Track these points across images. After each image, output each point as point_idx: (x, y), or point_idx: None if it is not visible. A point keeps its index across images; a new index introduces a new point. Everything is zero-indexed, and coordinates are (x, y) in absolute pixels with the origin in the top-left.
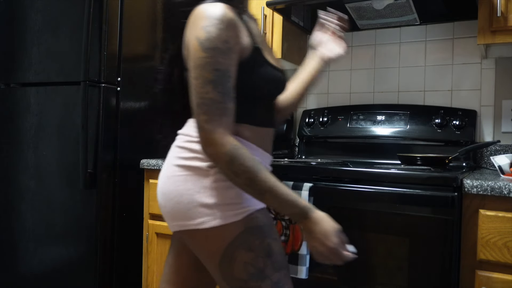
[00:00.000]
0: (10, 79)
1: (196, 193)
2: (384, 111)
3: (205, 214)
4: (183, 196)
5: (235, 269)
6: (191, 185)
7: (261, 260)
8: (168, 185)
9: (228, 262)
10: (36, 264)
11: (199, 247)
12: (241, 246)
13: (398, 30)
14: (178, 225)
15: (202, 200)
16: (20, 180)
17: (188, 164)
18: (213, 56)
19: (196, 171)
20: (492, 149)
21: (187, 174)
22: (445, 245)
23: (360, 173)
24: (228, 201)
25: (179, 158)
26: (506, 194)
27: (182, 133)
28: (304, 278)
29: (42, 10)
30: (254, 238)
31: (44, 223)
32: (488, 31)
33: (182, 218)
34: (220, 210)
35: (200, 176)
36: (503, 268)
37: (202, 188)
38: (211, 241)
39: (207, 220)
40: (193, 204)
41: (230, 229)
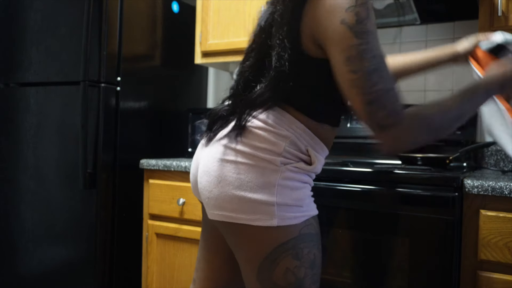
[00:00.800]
0: (9, 79)
1: (258, 187)
2: None
3: (264, 211)
4: (242, 186)
5: (275, 274)
6: (255, 177)
7: (303, 270)
8: (225, 170)
9: (270, 265)
10: (36, 264)
11: (243, 244)
12: (289, 251)
13: (398, 30)
14: (224, 215)
15: (263, 196)
16: (20, 180)
17: (259, 155)
18: (369, 41)
19: (266, 164)
20: (493, 149)
21: (254, 164)
22: (445, 245)
23: (360, 173)
24: (291, 202)
25: (249, 145)
26: (507, 194)
27: (258, 119)
28: None
29: (41, 10)
30: (304, 246)
31: (44, 223)
32: (489, 30)
33: (234, 209)
34: (281, 210)
35: (268, 170)
36: (504, 268)
37: (267, 183)
38: (260, 240)
39: (264, 218)
40: (252, 196)
41: (285, 232)
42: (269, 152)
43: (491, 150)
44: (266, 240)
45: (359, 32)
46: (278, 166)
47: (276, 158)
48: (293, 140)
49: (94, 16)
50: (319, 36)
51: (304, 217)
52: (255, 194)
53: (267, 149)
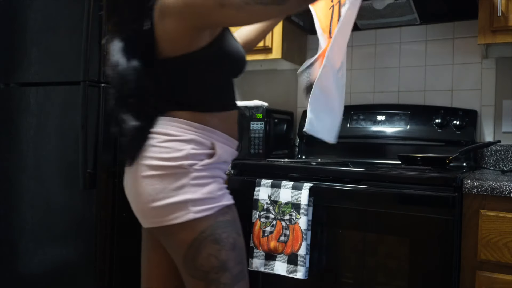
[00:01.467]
0: (9, 79)
1: (172, 191)
2: (384, 111)
3: (180, 209)
4: (158, 195)
5: (199, 260)
6: (167, 183)
7: (224, 253)
8: (143, 185)
9: (194, 253)
10: (36, 264)
11: (170, 241)
12: (208, 238)
13: (398, 30)
14: (151, 222)
15: (178, 197)
16: (20, 180)
17: (168, 164)
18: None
19: (176, 170)
20: (493, 149)
21: (165, 173)
22: (445, 245)
23: (360, 173)
24: (203, 196)
25: (157, 159)
26: (506, 194)
27: (158, 132)
28: (304, 278)
29: (41, 9)
30: (221, 231)
31: (44, 223)
32: (489, 30)
33: (156, 215)
34: (194, 205)
35: (179, 175)
36: (503, 268)
37: (179, 186)
38: (182, 233)
39: (181, 215)
40: (168, 201)
41: (201, 222)
42: (177, 158)
43: (491, 150)
44: (187, 232)
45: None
46: (186, 168)
47: (183, 162)
48: (197, 140)
49: (94, 16)
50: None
51: (217, 207)
52: (170, 199)
53: (174, 157)
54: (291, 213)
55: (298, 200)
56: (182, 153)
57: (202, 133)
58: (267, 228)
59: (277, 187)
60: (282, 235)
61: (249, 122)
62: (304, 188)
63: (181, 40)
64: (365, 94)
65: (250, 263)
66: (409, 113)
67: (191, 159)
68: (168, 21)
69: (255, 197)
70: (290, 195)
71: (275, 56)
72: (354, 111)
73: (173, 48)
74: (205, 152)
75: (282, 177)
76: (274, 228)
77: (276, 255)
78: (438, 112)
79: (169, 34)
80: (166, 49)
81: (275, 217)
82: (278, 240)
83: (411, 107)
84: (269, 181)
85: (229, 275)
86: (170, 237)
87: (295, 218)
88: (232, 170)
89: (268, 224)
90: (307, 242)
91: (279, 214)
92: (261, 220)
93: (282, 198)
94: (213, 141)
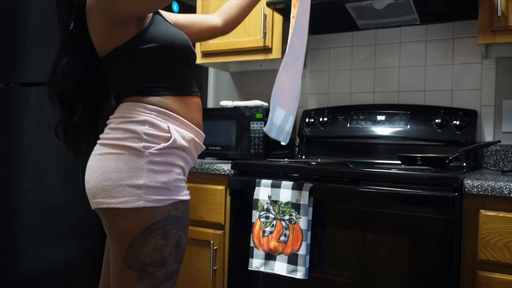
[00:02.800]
0: (9, 79)
1: (126, 172)
2: (384, 111)
3: (131, 194)
4: (112, 174)
5: (143, 252)
6: (123, 164)
7: (168, 250)
8: (98, 162)
9: (140, 244)
10: (36, 264)
11: (114, 226)
12: (158, 231)
13: (398, 30)
14: (98, 202)
15: (131, 180)
16: (20, 180)
17: (123, 144)
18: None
19: (131, 151)
20: (493, 149)
21: (121, 153)
22: (445, 245)
23: (360, 173)
24: (157, 185)
25: (113, 139)
26: (506, 194)
27: (115, 116)
28: (304, 278)
29: (41, 9)
30: (171, 227)
31: (44, 223)
32: (489, 31)
33: (106, 195)
34: (147, 193)
35: (133, 156)
36: (503, 268)
37: (134, 168)
38: (130, 221)
39: (132, 200)
40: (120, 182)
41: (154, 213)
42: (131, 139)
43: (491, 150)
44: (137, 220)
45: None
46: (142, 151)
47: (138, 144)
48: (151, 122)
49: None
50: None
51: (171, 200)
52: (123, 180)
53: (129, 137)
54: (291, 213)
55: (298, 200)
56: (136, 134)
57: (157, 116)
58: (267, 228)
59: (277, 187)
60: (282, 235)
61: (249, 122)
62: (304, 188)
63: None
64: (365, 94)
65: (250, 263)
66: (409, 113)
67: (146, 141)
68: (91, 21)
69: (255, 197)
70: (290, 195)
71: (275, 56)
72: (354, 111)
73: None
74: (161, 134)
75: (282, 177)
76: (274, 228)
77: (276, 255)
78: (438, 112)
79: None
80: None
81: (275, 217)
82: (278, 240)
83: (411, 107)
84: (269, 181)
85: (165, 272)
86: (114, 220)
87: (295, 218)
88: (232, 170)
89: (268, 224)
90: (307, 242)
91: (279, 214)
92: (261, 220)
93: (282, 198)
94: (169, 124)
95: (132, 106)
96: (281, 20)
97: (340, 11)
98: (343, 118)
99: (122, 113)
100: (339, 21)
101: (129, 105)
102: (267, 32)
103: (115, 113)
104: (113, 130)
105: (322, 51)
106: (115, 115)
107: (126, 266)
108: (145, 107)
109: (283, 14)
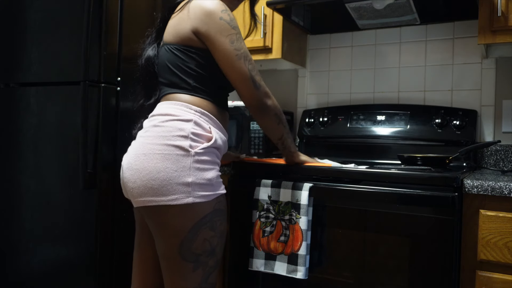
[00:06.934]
0: (9, 79)
1: (174, 171)
2: (384, 111)
3: (181, 191)
4: (160, 173)
5: (195, 244)
6: (170, 163)
7: (216, 240)
8: (144, 162)
9: (192, 237)
10: (36, 264)
11: (166, 224)
12: (207, 224)
13: (398, 30)
14: (147, 200)
15: (180, 179)
16: (20, 180)
17: (169, 142)
18: (239, 32)
19: (178, 150)
20: (493, 149)
21: (168, 152)
22: (445, 245)
23: (360, 173)
24: (204, 182)
25: (158, 137)
26: (506, 194)
27: (160, 113)
28: (304, 278)
29: (41, 9)
30: (217, 219)
31: (44, 223)
32: (489, 31)
33: (154, 194)
34: (195, 189)
35: (180, 156)
36: (503, 268)
37: (182, 167)
38: (181, 217)
39: (182, 197)
40: (170, 181)
41: (202, 208)
42: (178, 138)
43: (491, 150)
44: (188, 216)
45: (233, 26)
46: (188, 150)
47: (185, 143)
48: (197, 121)
49: (94, 15)
50: (200, 31)
51: (215, 195)
52: (172, 179)
53: (175, 135)
54: (291, 213)
55: (298, 200)
56: (183, 132)
57: (200, 116)
58: (267, 228)
59: (277, 187)
60: (282, 235)
61: (249, 122)
62: (304, 188)
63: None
64: (365, 94)
65: (250, 263)
66: (409, 113)
67: (192, 140)
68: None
69: (255, 197)
70: (290, 195)
71: (275, 56)
72: (354, 111)
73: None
74: (204, 134)
75: (282, 177)
76: (274, 228)
77: (276, 255)
78: (438, 112)
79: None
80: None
81: (275, 217)
82: (278, 240)
83: (411, 107)
84: (269, 181)
85: (215, 259)
86: (166, 218)
87: (295, 218)
88: (232, 170)
89: (268, 224)
90: (307, 242)
91: (279, 214)
92: (261, 220)
93: (282, 198)
94: (210, 125)
95: (175, 105)
96: (281, 20)
97: (340, 11)
98: (343, 118)
99: (164, 110)
100: (339, 21)
101: (172, 103)
102: (267, 32)
103: (157, 111)
104: (157, 128)
105: (322, 51)
106: (158, 113)
107: (182, 258)
108: (190, 108)
109: (283, 14)
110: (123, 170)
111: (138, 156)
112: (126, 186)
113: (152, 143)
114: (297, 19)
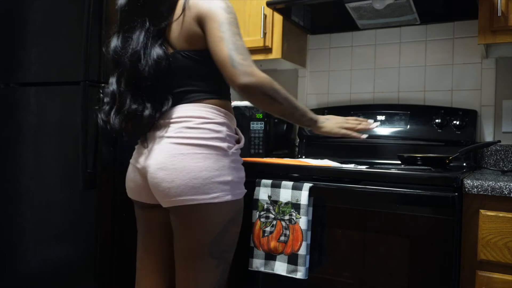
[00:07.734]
0: (9, 79)
1: (215, 170)
2: (384, 111)
3: (221, 189)
4: (201, 172)
5: (224, 240)
6: (211, 163)
7: (236, 236)
8: (183, 162)
9: (223, 234)
10: (36, 264)
11: (200, 221)
12: (235, 221)
13: (398, 30)
14: (188, 199)
15: (220, 177)
16: (20, 180)
17: (210, 143)
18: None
19: (218, 150)
20: (493, 149)
21: (208, 152)
22: (445, 245)
23: (360, 173)
24: (239, 180)
25: (197, 138)
26: (506, 194)
27: (191, 116)
28: (304, 278)
29: (41, 9)
30: (240, 215)
31: (44, 223)
32: (489, 31)
33: (196, 192)
34: (234, 187)
35: (220, 156)
36: (503, 268)
37: (221, 166)
38: (218, 215)
39: (222, 195)
40: (211, 180)
41: (235, 205)
42: (217, 139)
43: (491, 150)
44: (225, 213)
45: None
46: (226, 150)
47: (223, 144)
48: (228, 124)
49: (94, 15)
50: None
51: (243, 192)
52: (213, 178)
53: (214, 137)
54: (291, 213)
55: (298, 200)
56: (221, 134)
57: (228, 119)
58: (267, 228)
59: (277, 187)
60: (282, 235)
61: (249, 122)
62: (304, 188)
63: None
64: (365, 94)
65: (250, 263)
66: (409, 113)
67: (228, 142)
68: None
69: (255, 197)
70: (290, 195)
71: (275, 56)
72: (354, 111)
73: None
74: (234, 135)
75: (282, 177)
76: (274, 228)
77: (276, 255)
78: (438, 112)
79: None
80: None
81: (275, 217)
82: (278, 240)
83: (411, 107)
84: (269, 181)
85: (232, 255)
86: (204, 215)
87: (295, 218)
88: None
89: (268, 224)
90: (307, 242)
91: (279, 214)
92: (261, 220)
93: (282, 198)
94: (235, 127)
95: (204, 107)
96: (281, 20)
97: (340, 11)
98: None
99: (196, 113)
100: (339, 21)
101: (201, 106)
102: (267, 32)
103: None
104: (194, 130)
105: (322, 51)
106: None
107: (209, 255)
108: (219, 110)
109: (283, 14)
110: (150, 170)
111: (175, 156)
112: (159, 186)
113: (191, 144)
114: (297, 19)
